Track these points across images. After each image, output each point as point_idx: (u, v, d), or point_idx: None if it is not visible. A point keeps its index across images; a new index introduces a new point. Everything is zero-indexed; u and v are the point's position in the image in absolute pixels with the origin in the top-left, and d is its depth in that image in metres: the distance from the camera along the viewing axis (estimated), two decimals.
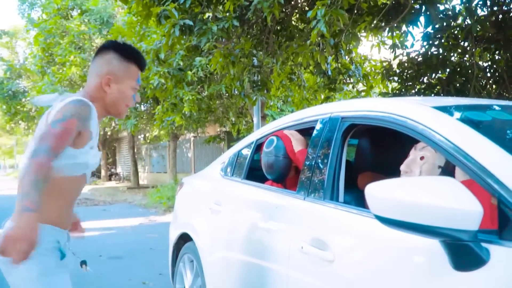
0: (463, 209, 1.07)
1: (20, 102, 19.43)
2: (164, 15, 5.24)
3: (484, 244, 1.15)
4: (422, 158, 1.68)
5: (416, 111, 1.59)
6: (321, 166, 1.94)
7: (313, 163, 1.99)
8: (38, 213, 1.46)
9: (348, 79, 9.33)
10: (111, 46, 1.83)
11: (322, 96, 10.45)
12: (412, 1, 4.98)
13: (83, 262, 1.78)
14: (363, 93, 9.43)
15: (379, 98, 5.75)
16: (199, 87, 10.91)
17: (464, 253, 1.14)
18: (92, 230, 7.70)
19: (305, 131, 2.38)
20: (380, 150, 2.16)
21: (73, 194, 1.78)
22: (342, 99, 10.23)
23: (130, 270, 5.04)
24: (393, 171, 1.87)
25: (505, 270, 1.11)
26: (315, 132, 2.09)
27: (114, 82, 1.78)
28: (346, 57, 8.60)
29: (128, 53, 1.81)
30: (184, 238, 3.06)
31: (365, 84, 9.85)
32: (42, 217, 1.56)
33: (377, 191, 1.20)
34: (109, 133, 23.88)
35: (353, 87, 9.80)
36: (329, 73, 8.89)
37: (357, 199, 1.94)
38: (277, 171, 2.39)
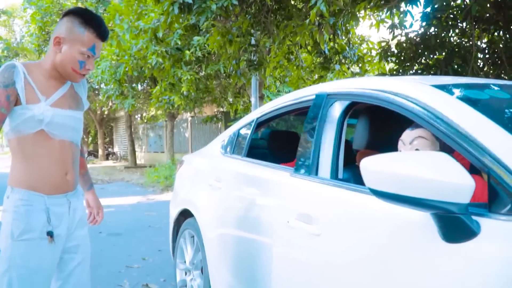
0: (456, 182, 1.11)
1: None
2: None
3: (474, 217, 1.19)
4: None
5: (415, 89, 1.62)
6: (318, 144, 1.98)
7: (310, 141, 2.03)
8: None
9: (343, 60, 9.32)
10: (74, 10, 1.84)
11: (316, 76, 10.46)
12: None
13: (50, 233, 1.78)
14: (357, 76, 9.46)
15: (377, 77, 5.77)
16: (197, 66, 10.87)
17: (456, 225, 1.17)
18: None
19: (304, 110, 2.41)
20: (379, 129, 2.20)
21: (47, 157, 1.80)
22: (335, 79, 10.25)
23: (130, 246, 5.12)
24: (391, 150, 1.91)
25: (494, 241, 1.16)
26: (310, 110, 2.13)
27: (64, 44, 1.79)
28: (343, 37, 8.57)
29: (86, 19, 1.80)
30: (185, 215, 3.12)
31: (360, 66, 9.86)
32: (15, 181, 1.78)
33: (371, 165, 1.22)
34: (106, 113, 23.82)
35: (348, 68, 9.79)
36: (326, 52, 8.88)
37: (355, 176, 1.99)
38: None
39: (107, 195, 9.89)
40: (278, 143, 3.22)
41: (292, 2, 7.03)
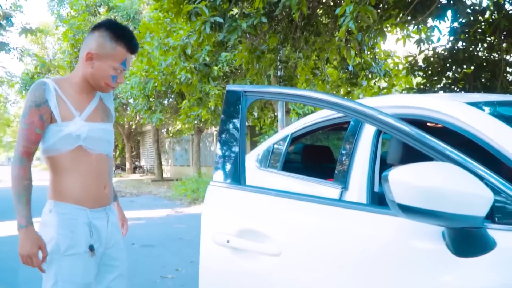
0: (476, 194, 1.10)
1: None
2: (195, 12, 5.42)
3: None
4: None
5: (451, 107, 1.69)
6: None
7: (346, 157, 2.12)
8: (31, 226, 1.68)
9: (369, 75, 9.39)
10: (105, 24, 1.82)
11: (342, 91, 10.53)
12: None
13: (91, 247, 1.78)
14: (384, 90, 9.50)
15: (412, 94, 5.82)
16: (224, 81, 11.08)
17: (471, 239, 1.16)
18: None
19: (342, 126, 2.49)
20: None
21: (87, 171, 1.79)
22: (362, 94, 10.32)
23: (162, 258, 5.25)
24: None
25: (509, 254, 1.15)
26: (349, 126, 2.21)
27: (96, 59, 1.78)
28: (368, 52, 8.65)
29: (118, 34, 1.79)
30: None
31: (387, 81, 9.90)
32: (57, 196, 1.77)
33: (399, 178, 1.13)
34: (133, 127, 24.31)
35: (374, 84, 9.84)
36: (351, 68, 8.97)
37: None
38: None
39: (136, 208, 10.11)
40: (311, 157, 3.31)
41: (319, 18, 7.17)
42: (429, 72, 6.47)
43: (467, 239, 1.17)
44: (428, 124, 2.09)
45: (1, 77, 14.28)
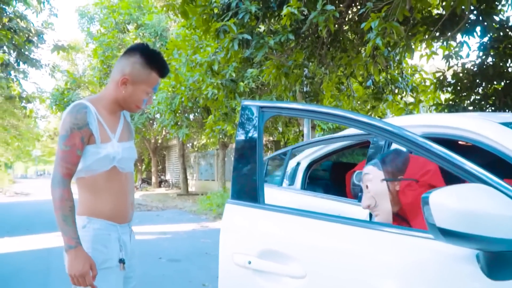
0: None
1: None
2: (223, 29, 5.51)
3: None
4: (367, 187, 1.73)
5: (485, 127, 1.68)
6: None
7: None
8: (80, 246, 1.71)
9: (395, 90, 9.33)
10: (139, 49, 1.89)
11: (369, 106, 10.49)
12: (468, 12, 5.00)
13: (122, 261, 1.85)
14: (411, 106, 9.42)
15: (446, 114, 5.80)
16: (250, 97, 11.17)
17: (507, 262, 1.14)
18: (150, 234, 8.08)
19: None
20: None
21: (119, 190, 1.87)
22: (388, 110, 10.26)
23: (189, 272, 5.28)
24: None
25: None
26: (372, 144, 2.20)
27: (131, 84, 1.84)
28: (394, 67, 8.61)
29: (152, 61, 1.87)
30: None
31: (413, 96, 9.80)
32: (91, 212, 1.83)
33: (443, 200, 1.12)
34: (159, 141, 24.64)
35: (401, 99, 9.76)
36: (369, 84, 8.94)
37: None
38: None
39: (162, 222, 10.21)
40: (338, 175, 3.31)
41: (345, 34, 7.19)
42: (458, 88, 6.40)
43: (502, 262, 1.16)
44: (460, 142, 2.07)
45: (33, 92, 14.74)
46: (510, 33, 5.69)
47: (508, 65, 5.97)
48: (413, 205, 1.64)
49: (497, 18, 5.48)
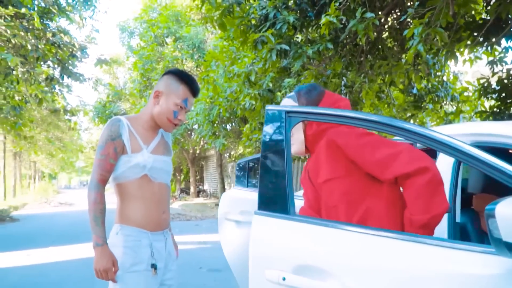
0: None
1: None
2: (261, 40, 5.54)
3: None
4: None
5: None
6: None
7: None
8: (106, 244, 1.94)
9: (436, 98, 9.10)
10: (173, 70, 2.14)
11: (409, 115, 10.26)
12: None
13: (153, 266, 2.00)
14: (451, 115, 9.16)
15: (494, 122, 5.64)
16: None
17: None
18: (190, 244, 8.15)
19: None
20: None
21: (151, 198, 2.03)
22: (428, 118, 10.02)
23: (230, 282, 5.27)
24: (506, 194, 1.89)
25: None
26: None
27: (162, 97, 2.07)
28: (436, 74, 8.40)
29: (182, 77, 2.08)
30: None
31: (454, 105, 9.53)
32: (123, 220, 2.02)
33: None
34: (197, 152, 24.95)
35: (440, 107, 9.51)
36: (415, 91, 8.75)
37: (472, 220, 1.98)
38: None
39: (202, 232, 10.29)
40: None
41: (385, 42, 7.09)
42: (503, 95, 6.17)
43: None
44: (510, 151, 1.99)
45: (77, 105, 15.23)
46: None
47: None
48: (314, 137, 1.78)
49: None
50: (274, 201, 1.62)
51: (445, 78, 9.05)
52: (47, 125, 22.21)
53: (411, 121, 9.63)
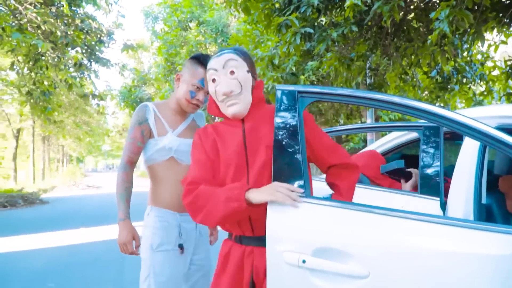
0: None
1: None
2: (285, 24, 5.53)
3: None
4: (233, 73, 1.69)
5: None
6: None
7: (436, 167, 2.05)
8: (128, 219, 2.05)
9: (463, 79, 8.93)
10: (192, 55, 2.22)
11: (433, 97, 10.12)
12: None
13: (180, 246, 2.08)
14: (481, 96, 8.98)
15: None
16: None
17: None
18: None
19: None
20: None
21: (178, 180, 2.07)
22: (457, 99, 9.84)
23: None
24: None
25: None
26: (427, 134, 2.15)
27: (182, 80, 2.16)
28: (462, 56, 8.24)
29: (201, 59, 2.14)
30: None
31: (482, 85, 9.33)
32: (153, 201, 2.13)
33: None
34: None
35: (469, 88, 9.33)
36: (434, 73, 8.60)
37: (498, 202, 2.00)
38: None
39: None
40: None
41: (411, 23, 6.98)
42: None
43: None
44: None
45: (104, 90, 15.51)
46: None
47: None
48: (258, 99, 1.70)
49: None
50: (290, 182, 1.56)
51: (473, 58, 8.86)
52: (74, 110, 22.70)
53: (437, 103, 9.49)
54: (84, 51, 10.45)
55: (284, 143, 1.60)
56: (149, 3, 29.55)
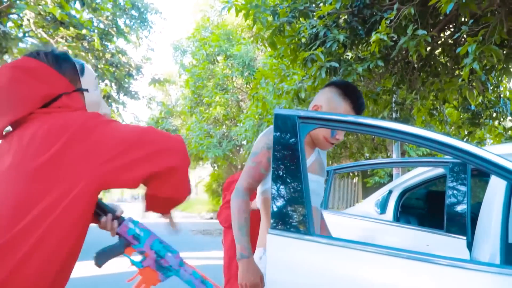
0: None
1: None
2: (311, 58, 5.60)
3: None
4: None
5: None
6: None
7: (462, 205, 2.02)
8: (252, 257, 1.72)
9: (494, 114, 8.78)
10: (336, 82, 1.95)
11: (466, 132, 9.95)
12: None
13: None
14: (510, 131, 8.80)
15: None
16: None
17: None
18: None
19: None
20: None
21: None
22: (487, 134, 9.65)
23: None
24: None
25: None
26: (452, 171, 2.11)
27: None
28: (491, 91, 8.14)
29: (347, 91, 1.86)
30: None
31: None
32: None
33: None
34: None
35: (499, 123, 9.16)
36: (472, 108, 8.49)
37: None
38: None
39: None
40: (434, 205, 3.19)
41: (438, 58, 6.97)
42: None
43: None
44: None
45: (131, 122, 15.89)
46: None
47: None
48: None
49: None
50: (291, 218, 1.45)
51: (502, 95, 8.73)
52: None
53: (469, 139, 9.32)
54: (113, 84, 10.79)
55: (283, 173, 1.49)
56: (178, 37, 30.43)
